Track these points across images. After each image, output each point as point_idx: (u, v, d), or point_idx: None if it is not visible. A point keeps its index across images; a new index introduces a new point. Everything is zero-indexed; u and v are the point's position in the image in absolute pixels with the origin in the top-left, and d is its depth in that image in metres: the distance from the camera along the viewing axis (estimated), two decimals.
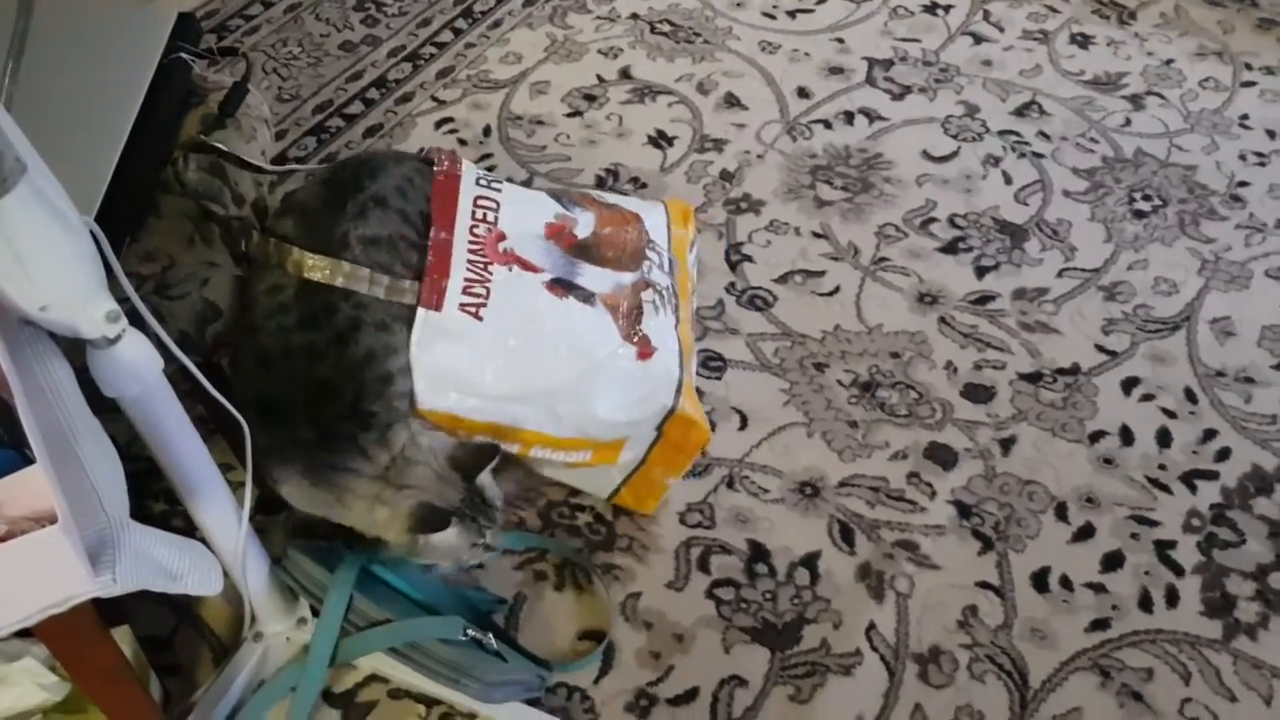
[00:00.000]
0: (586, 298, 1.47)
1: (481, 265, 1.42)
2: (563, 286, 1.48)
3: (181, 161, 1.45)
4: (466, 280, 1.40)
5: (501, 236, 1.47)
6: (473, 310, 1.38)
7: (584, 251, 1.53)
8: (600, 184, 2.11)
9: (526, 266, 1.46)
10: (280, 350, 1.32)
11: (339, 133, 2.27)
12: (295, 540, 1.42)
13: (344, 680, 1.43)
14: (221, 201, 1.44)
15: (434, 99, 2.34)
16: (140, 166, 1.42)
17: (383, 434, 1.32)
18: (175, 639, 1.47)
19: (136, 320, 1.02)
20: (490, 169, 1.97)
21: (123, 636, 1.34)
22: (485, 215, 1.48)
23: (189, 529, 1.22)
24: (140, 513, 1.60)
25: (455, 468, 1.35)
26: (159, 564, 0.92)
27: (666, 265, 1.63)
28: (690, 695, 1.43)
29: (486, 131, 2.25)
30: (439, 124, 2.27)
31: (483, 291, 1.40)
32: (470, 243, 1.44)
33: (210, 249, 1.38)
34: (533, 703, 1.39)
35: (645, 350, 1.48)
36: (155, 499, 1.56)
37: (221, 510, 1.24)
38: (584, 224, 1.56)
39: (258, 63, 2.47)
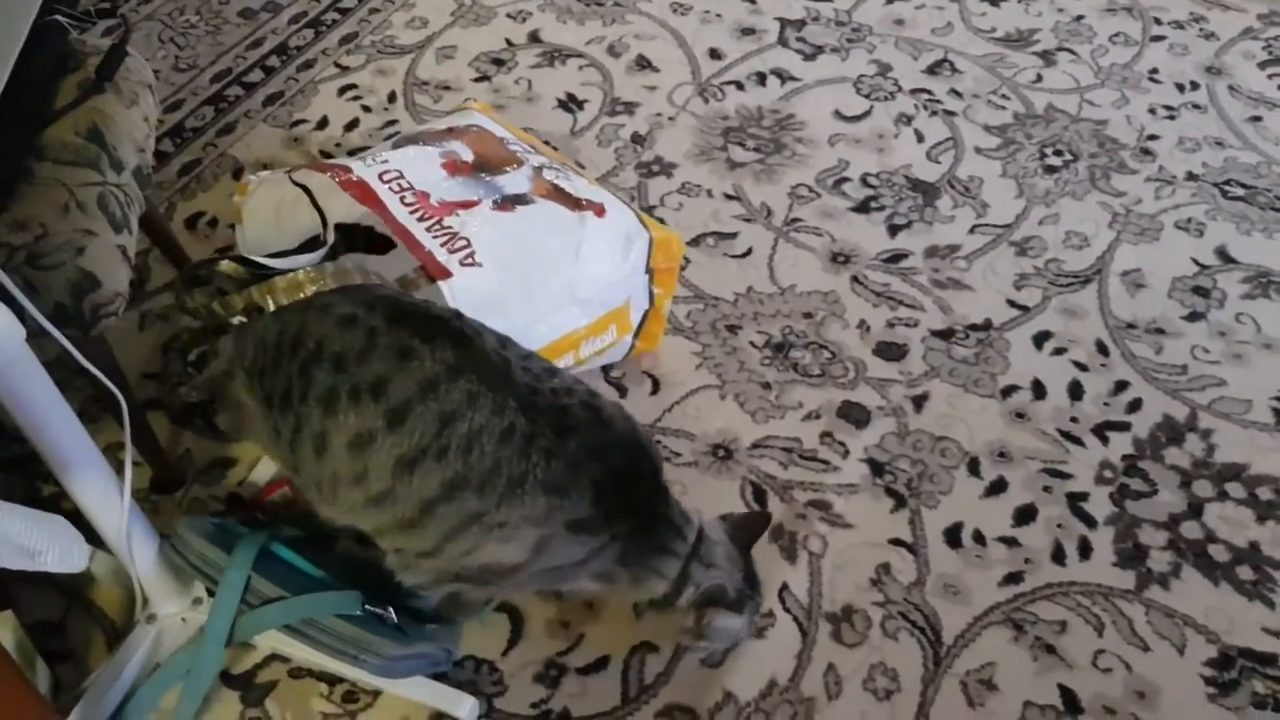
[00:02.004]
0: (525, 199, 1.54)
1: (437, 225, 1.48)
2: (505, 201, 1.54)
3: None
4: (440, 242, 1.46)
5: (426, 195, 1.52)
6: (470, 260, 1.45)
7: (484, 168, 1.59)
8: None
9: (466, 205, 1.52)
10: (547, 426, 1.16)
11: (238, 101, 2.20)
12: (184, 518, 1.36)
13: (243, 661, 1.39)
14: (100, 168, 1.37)
15: (337, 65, 2.27)
16: (10, 133, 1.35)
17: (681, 507, 1.29)
18: (66, 624, 1.42)
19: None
20: (392, 136, 1.91)
21: (4, 622, 1.28)
22: (400, 186, 1.53)
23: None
24: (30, 495, 1.56)
25: (732, 540, 1.33)
26: (13, 541, 0.87)
27: (526, 146, 1.69)
28: (601, 664, 1.40)
29: (391, 98, 2.19)
30: (342, 90, 2.20)
31: (462, 242, 1.46)
32: (413, 213, 1.49)
33: (86, 216, 1.31)
34: (440, 677, 1.36)
35: (598, 209, 1.57)
36: (46, 481, 1.49)
37: (100, 487, 1.19)
38: (460, 150, 1.62)
39: (154, 31, 2.38)
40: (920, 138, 2.12)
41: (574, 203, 1.57)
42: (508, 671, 1.39)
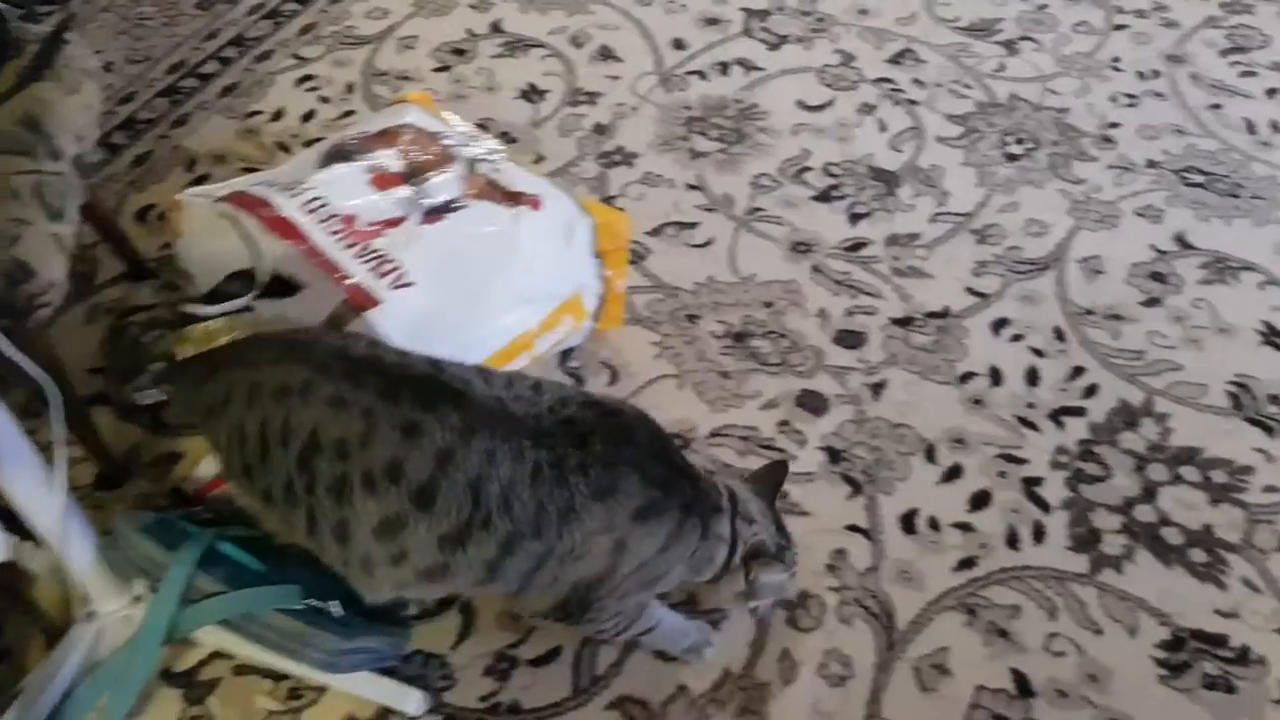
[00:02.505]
0: (456, 204, 1.52)
1: (365, 250, 1.45)
2: (434, 212, 1.52)
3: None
4: (369, 267, 1.43)
5: (351, 219, 1.49)
6: (402, 282, 1.42)
7: (414, 177, 1.55)
8: None
9: (394, 223, 1.50)
10: (555, 432, 1.14)
11: (192, 93, 2.18)
12: (124, 515, 1.34)
13: (186, 659, 1.37)
14: (35, 155, 1.35)
15: (295, 56, 2.25)
16: None
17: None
18: (3, 622, 1.39)
19: None
20: (351, 118, 1.89)
21: None
22: (325, 215, 1.49)
23: None
24: None
25: (756, 494, 1.32)
26: None
27: (462, 139, 1.66)
28: (552, 655, 1.38)
29: (350, 88, 2.17)
30: (299, 81, 2.18)
31: (391, 264, 1.43)
32: (339, 241, 1.46)
33: (19, 204, 1.29)
34: (388, 671, 1.34)
35: (533, 201, 1.55)
36: None
37: (33, 483, 1.17)
38: (387, 159, 1.58)
39: (109, 24, 2.35)
40: (883, 127, 2.12)
41: (509, 197, 1.55)
42: (457, 665, 1.37)
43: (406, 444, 1.09)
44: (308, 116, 2.11)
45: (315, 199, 1.51)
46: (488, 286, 1.48)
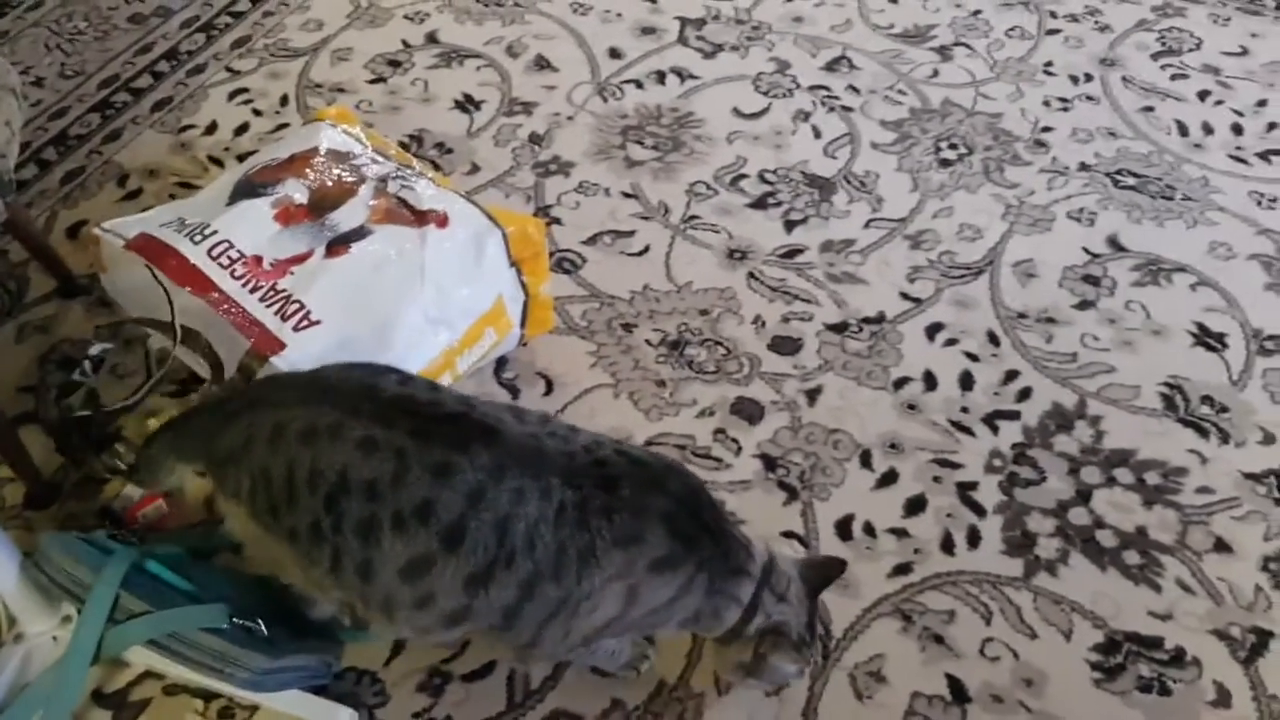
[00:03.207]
0: (360, 233, 1.52)
1: (270, 292, 1.46)
2: (338, 244, 1.52)
3: None
4: (274, 310, 1.44)
5: (258, 259, 1.49)
6: (306, 322, 1.43)
7: (318, 208, 1.55)
8: (404, 149, 2.03)
9: (298, 260, 1.50)
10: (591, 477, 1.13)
11: (125, 108, 2.14)
12: (49, 535, 1.31)
13: (116, 679, 1.34)
14: None
15: (228, 69, 2.22)
16: None
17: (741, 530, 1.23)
18: None
19: None
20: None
21: None
22: (230, 259, 1.49)
23: None
24: None
25: (802, 578, 1.26)
26: None
27: (375, 156, 1.67)
28: (486, 670, 1.37)
29: (284, 101, 2.15)
30: (232, 95, 2.16)
31: (295, 305, 1.44)
32: (245, 286, 1.46)
33: None
34: (320, 689, 1.32)
35: (439, 219, 1.56)
36: None
37: None
38: (294, 189, 1.58)
39: (41, 38, 2.32)
40: (818, 134, 2.12)
41: (416, 217, 1.55)
42: (389, 681, 1.36)
43: (438, 484, 1.08)
44: (241, 129, 2.09)
45: (221, 242, 1.51)
46: (396, 313, 1.47)
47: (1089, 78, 2.26)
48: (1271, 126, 2.16)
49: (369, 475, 1.09)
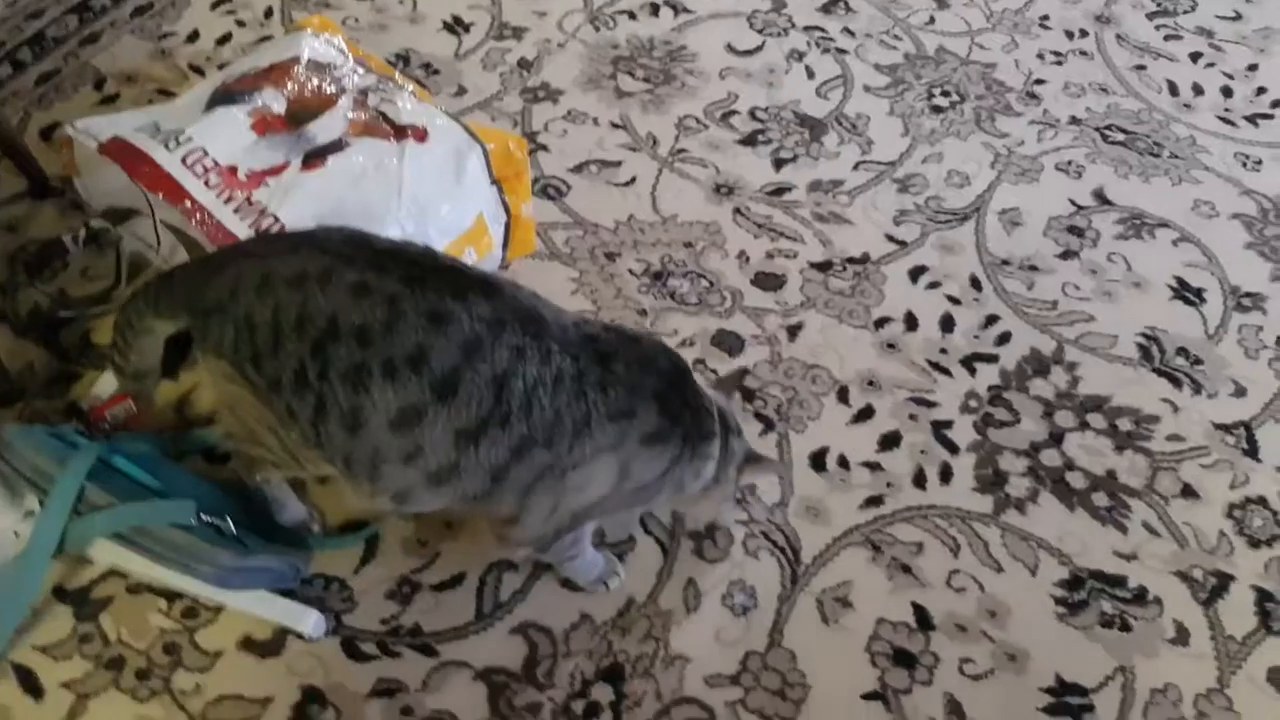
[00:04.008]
0: (338, 146, 1.49)
1: (245, 203, 1.43)
2: (314, 156, 1.49)
3: None
4: (248, 222, 1.42)
5: (233, 170, 1.46)
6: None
7: (297, 118, 1.53)
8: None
9: (274, 171, 1.47)
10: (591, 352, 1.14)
11: (104, 11, 2.10)
12: (14, 427, 1.29)
13: (79, 576, 1.33)
14: None
15: None
16: None
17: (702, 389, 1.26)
18: None
19: None
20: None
21: None
22: (204, 168, 1.46)
23: None
24: None
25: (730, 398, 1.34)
26: None
27: (356, 68, 1.63)
28: (456, 580, 1.37)
29: (268, 14, 2.11)
30: (216, 4, 2.12)
31: (270, 218, 1.42)
32: (219, 196, 1.44)
33: None
34: (287, 594, 1.31)
35: (419, 134, 1.53)
36: None
37: None
38: (272, 99, 1.55)
39: None
40: (810, 74, 2.11)
41: (396, 132, 1.53)
42: (359, 589, 1.35)
43: (433, 332, 1.06)
44: (223, 40, 2.05)
45: (196, 150, 1.47)
46: (372, 229, 1.42)
47: (1084, 33, 2.25)
48: (1261, 91, 2.16)
49: (360, 321, 1.07)
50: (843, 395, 1.60)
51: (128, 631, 1.29)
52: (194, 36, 2.05)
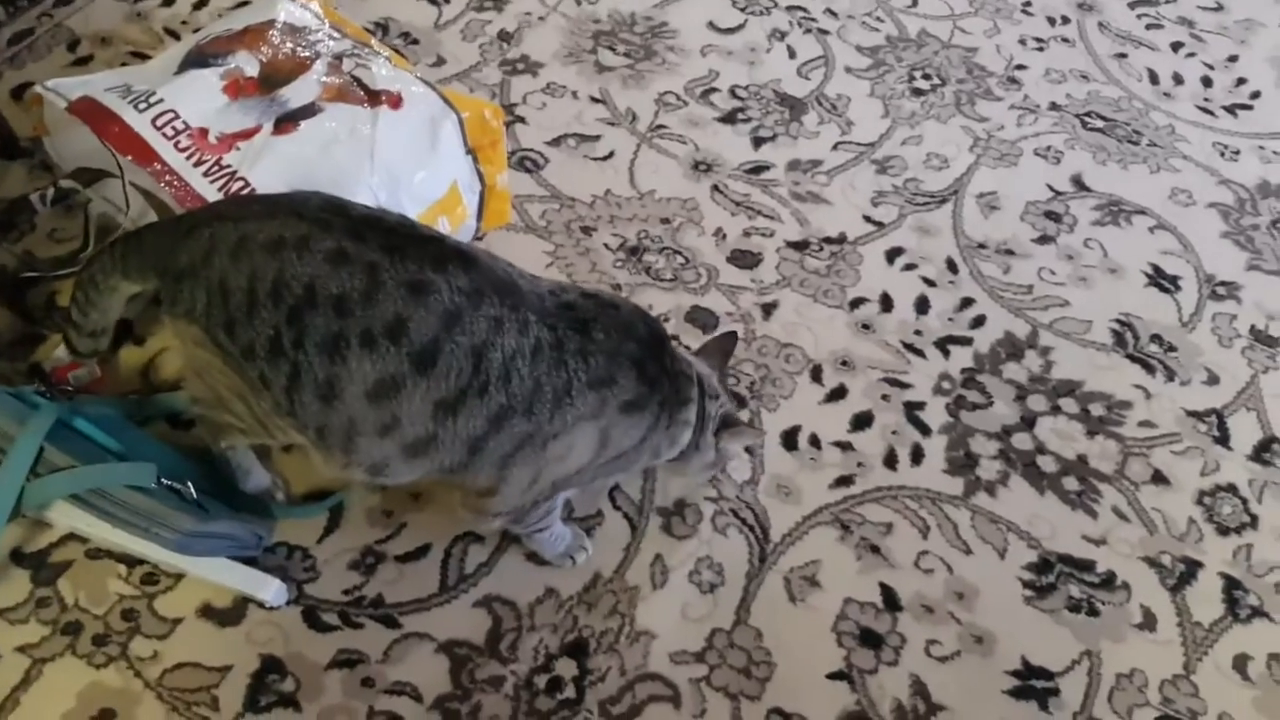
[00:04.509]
0: (310, 111, 1.47)
1: (215, 166, 1.41)
2: (286, 120, 1.47)
3: None
4: (218, 186, 1.39)
5: (204, 132, 1.44)
6: None
7: (269, 81, 1.50)
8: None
9: (245, 135, 1.45)
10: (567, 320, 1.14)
11: None
12: None
13: (37, 539, 1.31)
14: None
15: None
16: None
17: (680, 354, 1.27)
18: None
19: None
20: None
21: None
22: (174, 129, 1.44)
23: None
24: None
25: (712, 366, 1.33)
26: None
27: (332, 33, 1.61)
28: (421, 552, 1.35)
29: None
30: None
31: (240, 182, 1.40)
32: (189, 159, 1.42)
33: None
34: (249, 562, 1.30)
35: (393, 100, 1.51)
36: None
37: None
38: (246, 62, 1.53)
39: None
40: (792, 54, 2.10)
41: (370, 97, 1.50)
42: (322, 558, 1.33)
43: (413, 302, 1.05)
44: (200, 4, 2.02)
45: (167, 112, 1.45)
46: (344, 194, 1.39)
47: (1066, 20, 2.24)
48: (1240, 82, 2.16)
49: (338, 289, 1.05)
50: (816, 374, 1.59)
51: (86, 596, 1.27)
52: (170, 0, 2.02)
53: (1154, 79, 2.13)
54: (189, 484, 1.23)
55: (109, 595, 1.27)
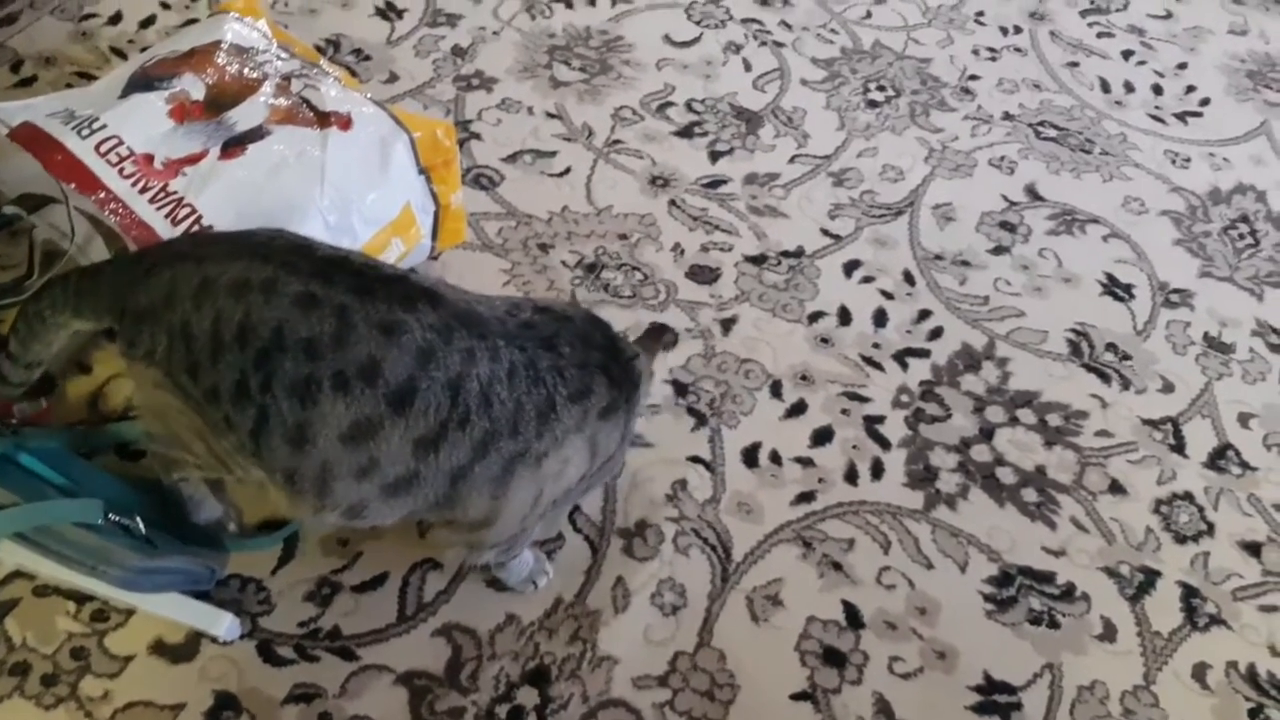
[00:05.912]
0: (258, 134, 1.44)
1: (161, 193, 1.38)
2: (233, 144, 1.44)
3: None
4: (164, 213, 1.36)
5: (149, 158, 1.41)
6: (197, 226, 1.36)
7: (216, 104, 1.48)
8: (319, 53, 1.95)
9: (191, 160, 1.42)
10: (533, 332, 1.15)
11: None
12: None
13: None
14: None
15: None
16: None
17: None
18: None
19: None
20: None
21: None
22: (119, 156, 1.41)
23: None
24: None
25: (650, 352, 1.33)
26: None
27: (280, 53, 1.59)
28: (378, 581, 1.33)
29: None
30: None
31: (186, 209, 1.37)
32: (134, 185, 1.39)
33: None
34: (202, 596, 1.27)
35: (343, 121, 1.49)
36: None
37: None
38: (191, 84, 1.50)
39: None
40: (748, 67, 2.10)
41: (319, 119, 1.48)
42: (276, 590, 1.31)
43: (386, 343, 1.04)
44: (147, 22, 1.99)
45: (111, 138, 1.42)
46: (294, 219, 1.39)
47: (1018, 30, 2.26)
48: (1190, 89, 2.19)
49: (307, 333, 1.04)
50: (776, 390, 1.59)
51: (34, 636, 1.24)
52: (117, 18, 1.99)
53: (1105, 87, 2.15)
54: (137, 518, 1.20)
55: (58, 634, 1.25)
